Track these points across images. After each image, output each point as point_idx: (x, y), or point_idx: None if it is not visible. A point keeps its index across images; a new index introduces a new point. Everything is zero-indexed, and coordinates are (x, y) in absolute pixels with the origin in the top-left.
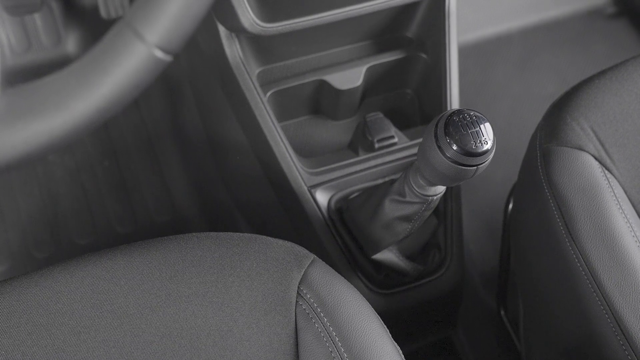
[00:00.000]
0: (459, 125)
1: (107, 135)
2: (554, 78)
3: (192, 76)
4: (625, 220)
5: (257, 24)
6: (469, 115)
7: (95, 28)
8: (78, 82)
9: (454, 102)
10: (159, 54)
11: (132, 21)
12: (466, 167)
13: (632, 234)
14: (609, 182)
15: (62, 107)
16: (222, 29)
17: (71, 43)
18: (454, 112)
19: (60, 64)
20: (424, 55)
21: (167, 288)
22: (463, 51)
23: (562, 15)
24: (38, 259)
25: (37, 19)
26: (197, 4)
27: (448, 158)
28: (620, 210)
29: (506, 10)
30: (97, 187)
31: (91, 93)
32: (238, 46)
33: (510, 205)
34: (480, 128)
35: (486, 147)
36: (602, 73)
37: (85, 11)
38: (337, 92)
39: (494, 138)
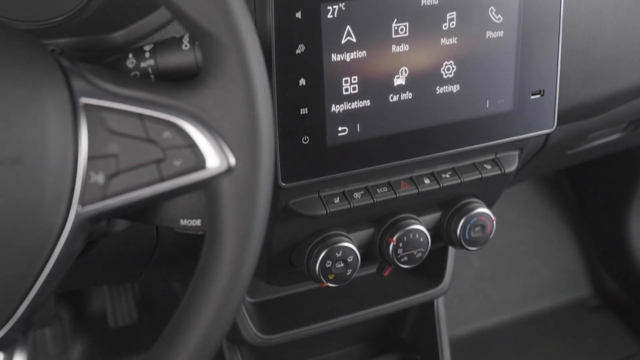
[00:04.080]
0: None
1: None
2: None
3: None
4: None
5: (257, 336)
6: None
7: (102, 336)
8: None
9: None
10: None
11: None
12: None
13: None
14: None
15: None
16: (224, 341)
17: (77, 351)
18: None
19: None
20: (418, 357)
21: None
22: (456, 345)
23: (549, 308)
24: None
25: (47, 329)
26: (210, 348)
27: None
28: None
29: (494, 304)
30: None
31: None
32: (239, 356)
33: None
34: None
35: None
36: None
37: (93, 320)
38: None
39: None
